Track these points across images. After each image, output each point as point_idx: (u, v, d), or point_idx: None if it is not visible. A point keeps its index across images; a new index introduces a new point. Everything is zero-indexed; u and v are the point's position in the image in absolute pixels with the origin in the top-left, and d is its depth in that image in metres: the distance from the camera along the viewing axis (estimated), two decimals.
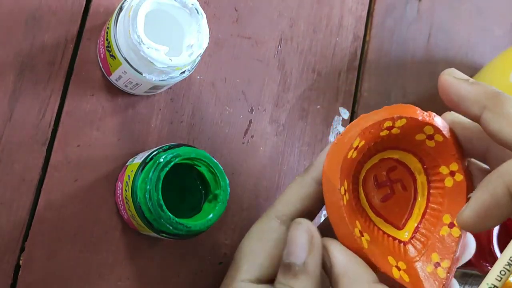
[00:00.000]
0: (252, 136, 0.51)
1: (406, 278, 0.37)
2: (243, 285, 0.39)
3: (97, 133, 0.46)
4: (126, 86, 0.45)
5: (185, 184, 0.43)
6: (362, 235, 0.37)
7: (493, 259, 0.51)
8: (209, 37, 0.43)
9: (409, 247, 0.40)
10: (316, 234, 0.36)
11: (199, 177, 0.43)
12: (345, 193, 0.37)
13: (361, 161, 0.40)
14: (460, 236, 0.38)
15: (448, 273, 0.37)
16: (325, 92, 0.55)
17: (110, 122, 0.46)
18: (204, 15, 0.43)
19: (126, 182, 0.42)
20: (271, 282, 0.39)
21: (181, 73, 0.43)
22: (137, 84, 0.44)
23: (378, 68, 0.58)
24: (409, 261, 0.38)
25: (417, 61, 0.60)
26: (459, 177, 0.39)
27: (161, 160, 0.40)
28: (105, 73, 0.46)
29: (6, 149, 0.43)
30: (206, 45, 0.43)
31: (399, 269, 0.37)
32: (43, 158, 0.44)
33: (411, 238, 0.40)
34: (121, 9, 0.42)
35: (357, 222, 0.37)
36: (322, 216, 0.52)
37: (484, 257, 0.52)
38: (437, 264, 0.38)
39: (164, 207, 0.39)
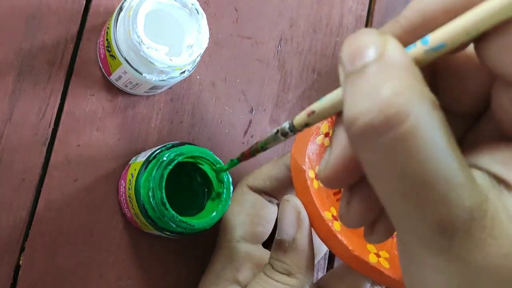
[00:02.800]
0: (252, 136, 0.51)
1: (385, 265, 0.37)
2: (228, 245, 0.43)
3: (97, 133, 0.46)
4: (126, 86, 0.45)
5: (188, 182, 0.44)
6: (336, 220, 0.37)
7: None
8: (209, 37, 0.43)
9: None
10: (303, 209, 0.38)
11: (202, 175, 0.43)
12: (316, 178, 0.38)
13: None
14: None
15: None
16: (325, 92, 0.54)
17: (110, 122, 0.46)
18: (204, 15, 0.43)
19: (129, 180, 0.42)
20: (253, 242, 0.44)
21: (181, 73, 0.43)
22: (137, 84, 0.44)
23: None
24: (394, 251, 0.39)
25: None
26: None
27: (165, 158, 0.40)
28: (105, 73, 0.46)
29: (6, 149, 0.43)
30: (206, 45, 0.43)
31: (378, 256, 0.37)
32: (43, 158, 0.44)
33: None
34: (121, 9, 0.42)
35: (332, 208, 0.38)
36: None
37: None
38: None
39: (167, 205, 0.39)
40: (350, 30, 0.57)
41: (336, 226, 0.37)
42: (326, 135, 0.39)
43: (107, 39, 0.43)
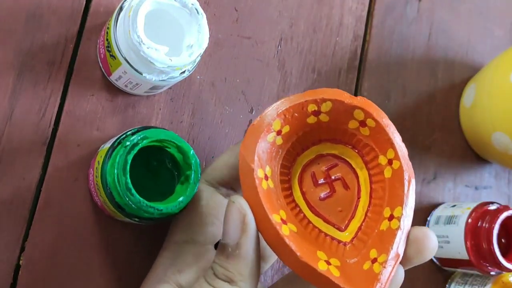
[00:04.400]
0: None
1: (335, 273, 0.35)
2: (174, 247, 0.40)
3: (97, 133, 0.46)
4: (126, 86, 0.45)
5: (158, 168, 0.43)
6: (285, 224, 0.35)
7: (493, 259, 0.51)
8: (209, 37, 0.43)
9: (349, 247, 0.37)
10: (249, 212, 0.35)
11: (171, 160, 0.43)
12: (265, 178, 0.36)
13: (293, 152, 0.39)
14: (398, 228, 0.36)
15: (384, 267, 0.35)
16: None
17: (110, 122, 0.46)
18: (204, 15, 0.43)
19: (96, 168, 0.42)
20: (203, 243, 0.41)
21: (181, 73, 0.43)
22: (137, 84, 0.44)
23: (378, 67, 0.57)
24: (345, 259, 0.36)
25: (417, 61, 0.60)
26: (396, 164, 0.37)
27: (128, 143, 0.39)
28: (105, 73, 0.46)
29: (6, 148, 0.43)
30: (206, 45, 0.43)
31: (329, 263, 0.35)
32: (43, 158, 0.44)
33: (353, 238, 0.38)
34: (121, 9, 0.42)
35: (281, 211, 0.36)
36: None
37: (484, 257, 0.52)
38: (374, 260, 0.36)
39: (133, 190, 0.39)
40: (350, 30, 0.57)
41: (285, 230, 0.34)
42: (278, 133, 0.37)
43: (107, 39, 0.43)
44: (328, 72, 0.55)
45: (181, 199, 0.41)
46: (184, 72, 0.43)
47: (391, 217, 0.37)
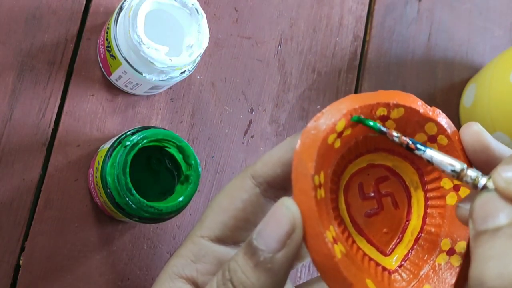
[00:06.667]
0: (252, 136, 0.51)
1: None
2: (200, 242, 0.35)
3: (97, 133, 0.46)
4: (126, 86, 0.45)
5: (159, 168, 0.43)
6: (336, 243, 0.30)
7: None
8: (209, 37, 0.43)
9: (396, 276, 0.32)
10: (300, 226, 0.29)
11: (171, 160, 0.43)
12: (319, 186, 0.30)
13: (345, 159, 0.33)
14: (461, 266, 0.31)
15: None
16: (325, 92, 0.55)
17: (110, 122, 0.46)
18: (204, 15, 0.43)
19: (96, 168, 0.42)
20: (233, 245, 0.35)
21: (181, 73, 0.43)
22: (137, 84, 0.44)
23: (378, 68, 0.57)
24: None
25: (417, 61, 0.60)
26: (466, 192, 0.32)
27: (128, 143, 0.40)
28: (105, 73, 0.46)
29: (6, 149, 0.43)
30: (206, 45, 0.43)
31: None
32: (43, 158, 0.44)
33: (399, 266, 0.33)
34: (121, 9, 0.42)
35: (331, 227, 0.30)
36: None
37: None
38: None
39: (133, 190, 0.39)
40: (350, 30, 0.57)
41: (337, 252, 0.29)
42: (339, 135, 0.31)
43: (107, 39, 0.43)
44: (328, 72, 0.55)
45: (181, 199, 0.41)
46: (184, 72, 0.43)
47: (451, 251, 0.32)
